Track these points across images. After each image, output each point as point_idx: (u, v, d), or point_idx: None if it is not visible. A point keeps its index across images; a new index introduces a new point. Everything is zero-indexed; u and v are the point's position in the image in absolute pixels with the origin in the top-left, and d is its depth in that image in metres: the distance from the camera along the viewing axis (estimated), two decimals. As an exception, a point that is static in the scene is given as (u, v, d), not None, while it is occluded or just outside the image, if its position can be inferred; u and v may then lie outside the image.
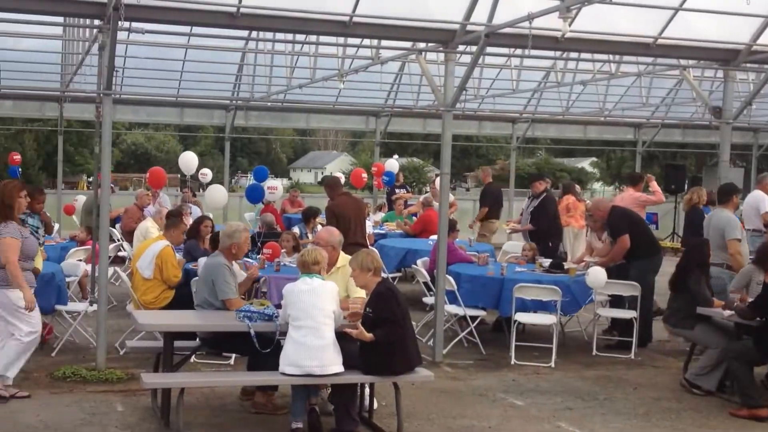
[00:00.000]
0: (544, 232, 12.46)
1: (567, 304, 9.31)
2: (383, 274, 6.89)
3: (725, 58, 9.98)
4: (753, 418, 7.30)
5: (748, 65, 10.82)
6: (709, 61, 10.88)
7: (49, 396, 7.35)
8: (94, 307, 8.54)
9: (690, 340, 8.54)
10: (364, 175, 18.48)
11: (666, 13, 9.40)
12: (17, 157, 19.48)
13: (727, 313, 7.94)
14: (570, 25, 7.63)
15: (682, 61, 11.20)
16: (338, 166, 67.69)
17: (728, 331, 8.18)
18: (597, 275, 9.11)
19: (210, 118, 20.96)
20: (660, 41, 9.63)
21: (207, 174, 18.70)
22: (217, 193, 14.31)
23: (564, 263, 10.38)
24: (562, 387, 8.30)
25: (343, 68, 12.80)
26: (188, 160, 17.43)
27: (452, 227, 10.45)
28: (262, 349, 6.39)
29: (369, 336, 6.26)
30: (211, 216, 11.96)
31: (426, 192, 17.12)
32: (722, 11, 9.02)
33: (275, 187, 15.44)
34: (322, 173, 74.20)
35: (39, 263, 7.68)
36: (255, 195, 14.18)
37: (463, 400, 7.77)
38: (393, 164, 18.90)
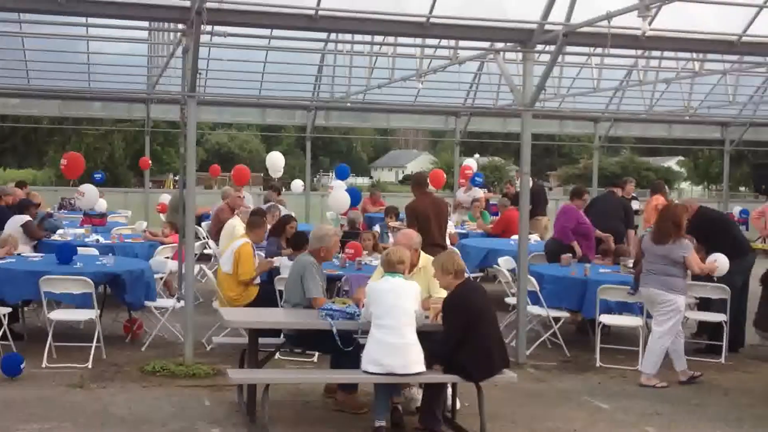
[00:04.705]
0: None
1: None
2: (466, 274, 6.87)
3: (815, 53, 9.66)
4: None
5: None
6: (801, 56, 10.54)
7: (140, 389, 7.55)
8: (181, 303, 8.74)
9: (782, 344, 8.28)
10: (445, 176, 18.45)
11: (751, 10, 9.14)
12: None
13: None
14: (650, 24, 7.48)
15: (770, 58, 10.88)
16: (419, 165, 67.79)
17: (823, 336, 7.90)
18: (724, 264, 8.82)
19: (291, 118, 21.26)
20: (745, 38, 9.38)
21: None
22: (341, 196, 14.38)
23: None
24: (650, 390, 8.13)
25: (422, 68, 12.81)
26: (275, 160, 17.66)
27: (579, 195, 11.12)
28: (345, 347, 6.44)
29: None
30: (294, 215, 12.12)
31: (504, 191, 16.93)
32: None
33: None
34: (403, 172, 74.45)
35: None
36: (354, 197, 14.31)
37: (547, 402, 7.69)
38: (471, 163, 18.82)
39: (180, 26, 8.83)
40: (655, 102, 18.27)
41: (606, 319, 9.12)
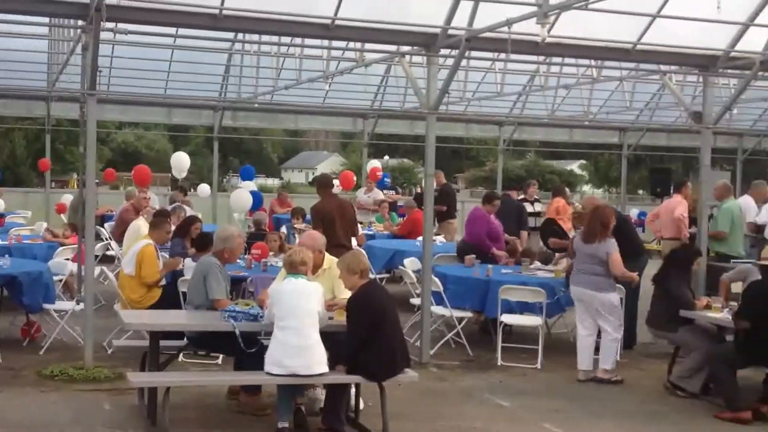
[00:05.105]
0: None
1: (551, 306, 9.38)
2: (371, 275, 6.95)
3: (704, 63, 10.10)
4: (736, 421, 7.34)
5: (729, 71, 10.92)
6: (689, 66, 10.99)
7: (38, 394, 7.37)
8: (81, 305, 8.55)
9: (673, 342, 8.60)
10: (355, 177, 18.50)
11: (644, 20, 9.49)
12: None
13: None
14: (549, 31, 7.69)
15: (663, 67, 11.29)
16: (329, 166, 67.71)
17: (711, 334, 8.26)
18: None
19: (198, 118, 20.94)
20: (639, 47, 9.75)
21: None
22: (242, 196, 14.20)
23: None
24: (549, 388, 8.37)
25: (329, 70, 12.85)
26: (180, 160, 17.40)
27: (489, 200, 11.27)
28: (248, 349, 6.43)
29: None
30: (200, 216, 12.01)
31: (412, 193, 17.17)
32: (699, 18, 9.10)
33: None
34: (313, 173, 74.20)
35: None
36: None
37: (449, 400, 7.82)
38: (376, 165, 18.89)
39: (80, 23, 8.64)
40: (557, 107, 18.73)
41: (507, 318, 9.33)
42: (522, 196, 14.63)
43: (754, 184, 13.18)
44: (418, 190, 17.11)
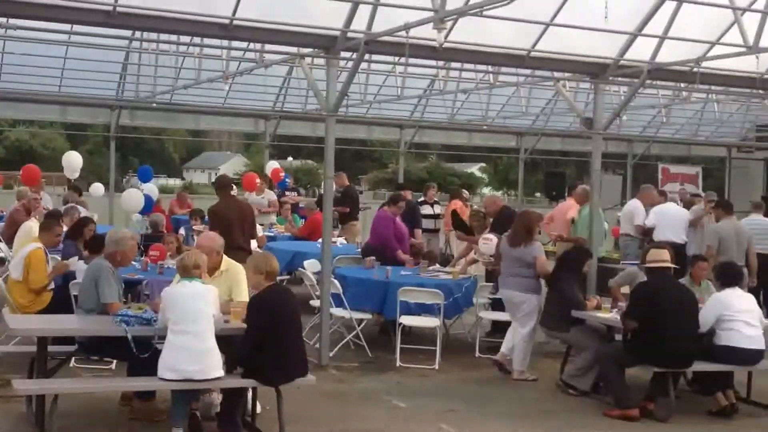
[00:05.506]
0: None
1: (449, 307, 9.51)
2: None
3: (595, 71, 10.40)
4: (625, 418, 7.58)
5: (618, 79, 11.29)
6: (581, 74, 11.30)
7: None
8: (-34, 311, 8.21)
9: (565, 342, 8.83)
10: (258, 180, 18.24)
11: (539, 27, 9.72)
12: None
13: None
14: (446, 36, 7.83)
15: (556, 74, 11.61)
16: (232, 166, 66.90)
17: (601, 334, 8.52)
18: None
19: (95, 116, 20.38)
20: (533, 54, 10.00)
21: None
22: (135, 196, 13.85)
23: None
24: (445, 388, 8.47)
25: (228, 70, 12.73)
26: (71, 160, 16.89)
27: (394, 202, 11.39)
28: (141, 354, 6.30)
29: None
30: (95, 218, 11.69)
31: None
32: (590, 27, 9.38)
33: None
34: (216, 174, 73.15)
35: None
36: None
37: (347, 402, 7.83)
38: (272, 166, 18.72)
39: (-35, 17, 8.34)
40: (457, 111, 19.05)
41: (406, 320, 9.41)
42: (421, 198, 14.81)
43: (642, 188, 13.66)
44: (322, 192, 17.05)
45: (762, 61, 10.11)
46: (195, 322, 6.17)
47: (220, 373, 6.22)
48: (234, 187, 10.70)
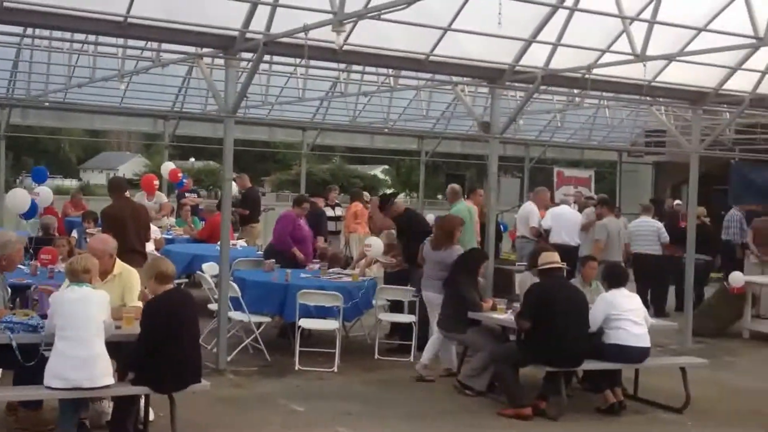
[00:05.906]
0: None
1: (349, 310, 9.53)
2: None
3: (491, 76, 10.58)
4: (518, 416, 7.73)
5: (515, 84, 11.53)
6: (478, 78, 11.51)
7: None
8: None
9: (462, 343, 8.97)
10: (156, 181, 17.84)
11: (437, 32, 9.83)
12: None
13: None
14: (345, 39, 7.84)
15: (455, 78, 11.78)
16: (131, 167, 65.31)
17: (496, 335, 8.68)
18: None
19: (-19, 115, 19.61)
20: (432, 58, 10.10)
21: None
22: (19, 196, 13.28)
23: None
24: (344, 391, 8.48)
25: (124, 69, 12.44)
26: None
27: (299, 203, 11.55)
28: (27, 362, 6.09)
29: None
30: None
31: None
32: (487, 33, 9.54)
33: None
34: (115, 174, 71.37)
35: None
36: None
37: (244, 407, 7.75)
38: (169, 167, 18.36)
39: None
40: (359, 113, 19.11)
41: (306, 323, 9.38)
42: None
43: (536, 191, 14.02)
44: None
45: (649, 69, 10.46)
46: (83, 329, 5.99)
47: (110, 380, 6.07)
48: (127, 188, 10.43)
